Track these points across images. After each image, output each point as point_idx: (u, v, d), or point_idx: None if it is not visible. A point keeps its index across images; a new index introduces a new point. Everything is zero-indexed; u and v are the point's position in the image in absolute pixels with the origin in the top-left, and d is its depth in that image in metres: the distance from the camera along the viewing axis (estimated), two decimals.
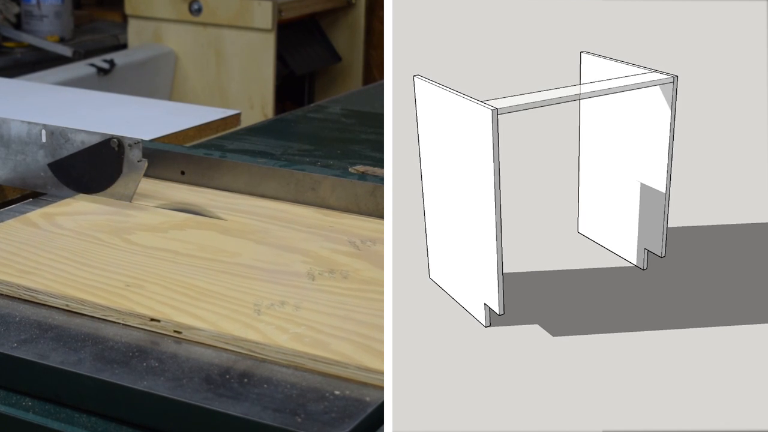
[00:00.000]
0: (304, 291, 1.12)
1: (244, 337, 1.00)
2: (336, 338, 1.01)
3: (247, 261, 1.20)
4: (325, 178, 1.39)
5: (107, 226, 1.30)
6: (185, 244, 1.24)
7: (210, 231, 1.30)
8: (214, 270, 1.17)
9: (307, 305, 1.08)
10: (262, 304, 1.07)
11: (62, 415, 0.95)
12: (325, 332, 1.02)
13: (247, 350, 1.00)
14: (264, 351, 0.99)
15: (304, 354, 0.98)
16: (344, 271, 1.18)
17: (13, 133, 1.45)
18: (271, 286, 1.13)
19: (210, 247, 1.24)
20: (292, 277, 1.15)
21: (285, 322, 1.03)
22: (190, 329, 1.03)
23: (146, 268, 1.16)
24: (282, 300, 1.09)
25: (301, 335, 1.01)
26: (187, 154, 1.48)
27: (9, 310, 1.08)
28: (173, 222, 1.33)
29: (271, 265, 1.19)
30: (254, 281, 1.14)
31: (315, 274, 1.17)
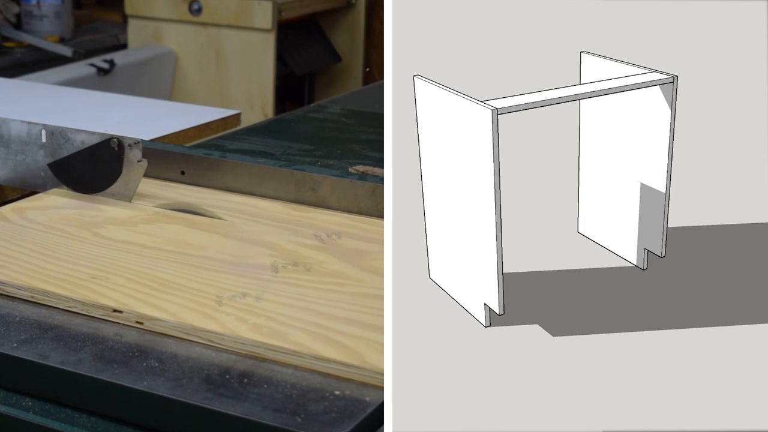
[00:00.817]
0: (267, 283, 1.14)
1: (204, 327, 1.02)
2: (294, 329, 1.02)
3: (213, 254, 1.22)
4: (325, 178, 1.39)
5: (77, 220, 1.32)
6: (153, 238, 1.26)
7: (178, 225, 1.31)
8: (180, 263, 1.19)
9: (269, 297, 1.10)
10: (224, 296, 1.09)
11: (62, 415, 0.95)
12: (284, 323, 1.04)
13: (206, 340, 1.01)
14: (223, 341, 1.01)
15: (261, 344, 1.00)
16: (308, 264, 1.19)
17: (13, 133, 1.45)
18: (234, 278, 1.15)
19: (177, 241, 1.25)
20: (256, 270, 1.17)
21: (245, 313, 1.05)
22: (152, 320, 1.04)
23: (113, 260, 1.19)
24: (244, 292, 1.11)
25: (260, 326, 1.03)
26: (187, 154, 1.48)
27: (9, 310, 1.08)
28: (143, 216, 1.34)
29: (236, 258, 1.21)
30: (218, 273, 1.16)
31: (279, 266, 1.18)
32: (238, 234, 1.29)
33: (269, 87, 3.46)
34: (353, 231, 1.31)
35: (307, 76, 3.94)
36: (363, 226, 1.34)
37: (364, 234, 1.31)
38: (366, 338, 1.01)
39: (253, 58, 3.44)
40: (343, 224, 1.33)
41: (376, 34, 3.97)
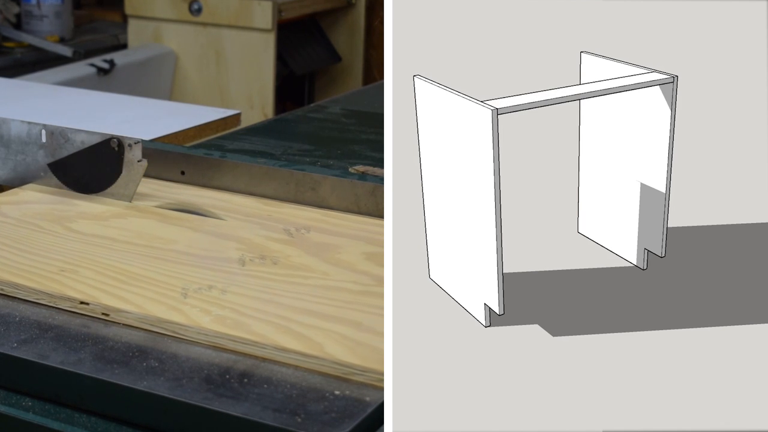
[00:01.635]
0: (233, 276, 1.15)
1: (168, 318, 1.04)
2: (257, 320, 1.04)
3: (182, 248, 1.23)
4: (325, 178, 1.39)
5: (50, 215, 1.33)
6: (124, 232, 1.28)
7: (150, 220, 1.33)
8: (149, 256, 1.20)
9: (234, 289, 1.11)
10: (189, 288, 1.11)
11: (62, 415, 0.95)
12: (248, 314, 1.05)
13: (171, 331, 1.03)
14: (187, 332, 1.02)
15: (224, 335, 1.01)
16: (275, 257, 1.21)
17: (13, 133, 1.45)
18: (201, 271, 1.16)
19: (147, 235, 1.27)
20: (223, 263, 1.19)
21: (210, 305, 1.07)
22: (118, 312, 1.06)
23: (82, 254, 1.20)
24: (210, 284, 1.12)
25: (223, 317, 1.04)
26: (187, 154, 1.48)
27: (9, 310, 1.08)
28: (115, 211, 1.36)
29: (204, 252, 1.22)
30: (185, 267, 1.17)
31: (246, 260, 1.20)
32: (209, 228, 1.31)
33: (269, 87, 3.46)
34: (322, 225, 1.33)
35: (307, 76, 3.94)
36: (332, 220, 1.35)
37: (332, 228, 1.32)
38: (326, 329, 1.03)
39: (253, 58, 3.44)
40: (314, 219, 1.35)
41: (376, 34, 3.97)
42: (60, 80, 2.98)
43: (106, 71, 3.20)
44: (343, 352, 0.98)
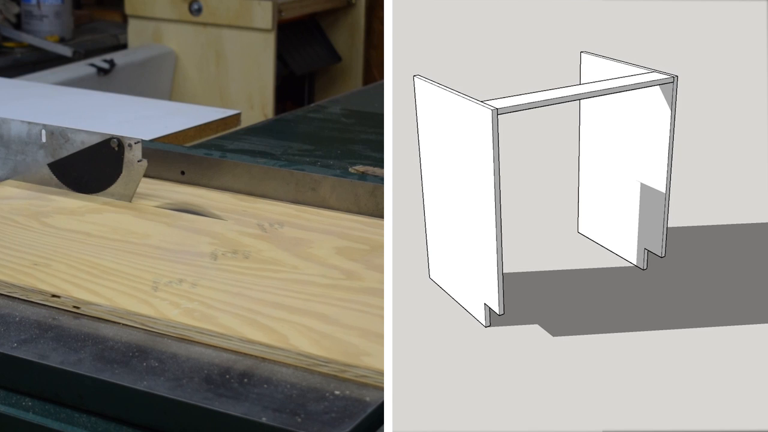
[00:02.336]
0: (204, 270, 1.17)
1: (138, 311, 1.05)
2: (225, 313, 1.06)
3: (156, 242, 1.25)
4: (325, 178, 1.39)
5: (26, 210, 1.35)
6: (99, 227, 1.30)
7: (125, 215, 1.35)
8: (122, 250, 1.22)
9: (204, 283, 1.13)
10: (160, 282, 1.13)
11: (62, 415, 0.95)
12: (216, 307, 1.07)
13: (140, 324, 1.05)
14: (156, 325, 1.04)
15: (191, 327, 1.03)
16: (246, 252, 1.23)
17: (13, 133, 1.45)
18: (172, 265, 1.18)
19: (122, 230, 1.29)
20: (195, 257, 1.21)
21: (179, 298, 1.09)
22: (88, 305, 1.08)
23: (56, 248, 1.22)
24: (180, 278, 1.14)
25: (191, 310, 1.06)
26: (187, 154, 1.48)
27: (9, 310, 1.09)
28: (92, 206, 1.38)
29: (177, 246, 1.24)
30: (157, 260, 1.19)
31: (218, 254, 1.22)
32: (183, 223, 1.33)
33: (269, 87, 3.46)
34: (295, 221, 1.34)
35: (307, 76, 3.94)
36: (306, 216, 1.37)
37: (305, 223, 1.34)
38: (292, 321, 1.04)
39: (253, 58, 3.44)
40: (287, 214, 1.37)
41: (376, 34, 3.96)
42: (60, 80, 2.98)
43: (106, 71, 3.20)
44: (308, 343, 1.00)
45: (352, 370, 0.96)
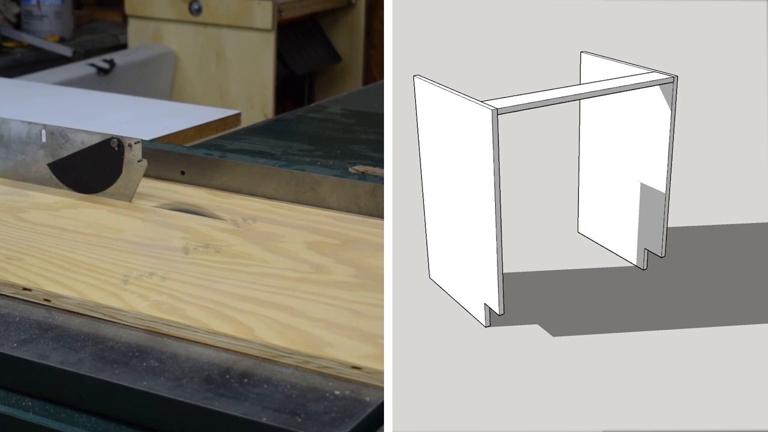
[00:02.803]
0: (175, 263, 1.19)
1: (107, 304, 1.07)
2: (193, 305, 1.07)
3: (129, 237, 1.27)
4: (325, 178, 1.39)
5: (3, 205, 1.36)
6: (74, 222, 1.31)
7: (100, 210, 1.36)
8: (95, 245, 1.24)
9: (174, 276, 1.15)
10: (131, 275, 1.14)
11: (62, 415, 0.95)
12: (184, 300, 1.09)
13: (109, 317, 1.06)
14: (124, 317, 1.06)
15: (159, 319, 1.04)
16: (218, 246, 1.24)
17: (13, 133, 1.45)
18: (144, 259, 1.19)
19: (96, 225, 1.30)
20: (167, 251, 1.22)
21: (149, 291, 1.10)
22: (59, 298, 1.09)
23: (30, 243, 1.23)
24: (151, 271, 1.16)
25: (160, 303, 1.08)
26: (187, 154, 1.48)
27: (9, 310, 1.09)
28: (68, 202, 1.39)
29: (150, 241, 1.26)
30: (129, 254, 1.21)
31: (190, 248, 1.23)
32: (158, 218, 1.34)
33: (269, 87, 3.46)
34: (269, 216, 1.36)
35: (307, 76, 3.94)
36: (279, 211, 1.38)
37: (279, 219, 1.35)
38: (259, 314, 1.05)
39: (253, 58, 3.44)
40: (262, 209, 1.38)
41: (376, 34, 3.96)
42: (60, 80, 2.98)
43: (106, 71, 3.20)
44: (272, 335, 1.01)
45: (315, 361, 0.98)
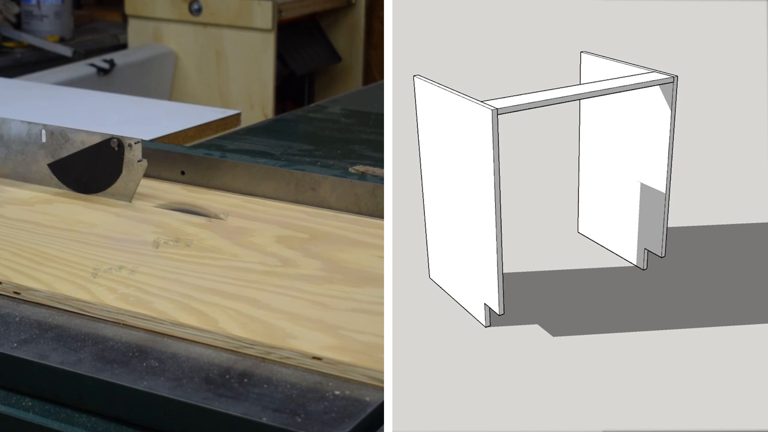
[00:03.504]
0: (145, 257, 1.20)
1: (75, 296, 1.09)
2: (160, 298, 1.09)
3: (101, 231, 1.29)
4: (325, 178, 1.39)
5: None
6: (48, 217, 1.33)
7: (75, 205, 1.38)
8: (67, 239, 1.25)
9: (143, 269, 1.16)
10: (100, 269, 1.16)
11: (62, 415, 0.95)
12: (152, 293, 1.10)
13: (77, 309, 1.08)
14: (92, 309, 1.07)
15: (125, 311, 1.06)
16: (189, 240, 1.26)
17: (13, 133, 1.45)
18: (114, 252, 1.21)
19: (70, 219, 1.32)
20: (138, 245, 1.24)
21: (117, 284, 1.12)
22: (28, 290, 1.11)
23: (3, 236, 1.26)
24: (121, 265, 1.17)
25: (127, 295, 1.09)
26: (187, 154, 1.48)
27: (9, 310, 1.09)
28: (43, 197, 1.41)
29: (122, 235, 1.28)
30: (100, 248, 1.23)
31: (161, 242, 1.25)
32: (131, 213, 1.35)
33: (269, 87, 3.46)
34: (241, 211, 1.37)
35: (307, 76, 3.94)
36: (251, 206, 1.40)
37: (251, 213, 1.37)
38: (224, 306, 1.07)
39: (253, 58, 3.44)
40: (235, 204, 1.40)
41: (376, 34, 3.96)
42: (60, 80, 2.98)
43: (106, 71, 3.20)
44: (236, 326, 1.02)
45: (277, 352, 0.99)
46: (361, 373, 0.96)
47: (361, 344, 1.01)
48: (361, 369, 0.96)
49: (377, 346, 1.00)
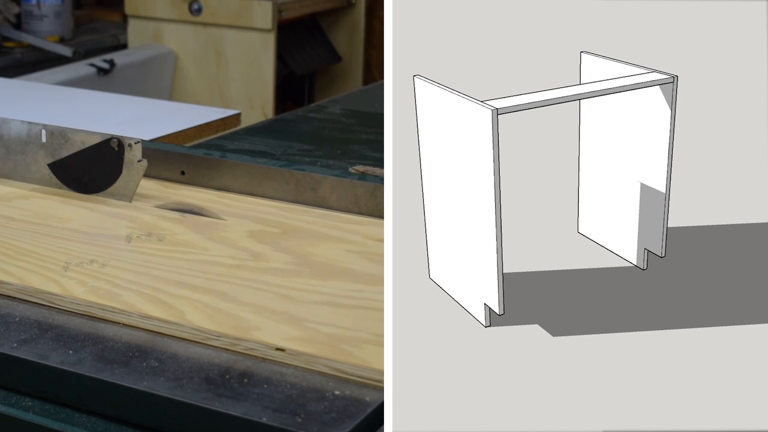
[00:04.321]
0: (117, 251, 1.22)
1: (45, 289, 1.11)
2: (129, 291, 1.10)
3: (75, 226, 1.30)
4: (325, 178, 1.39)
5: None
6: (23, 212, 1.35)
7: (50, 201, 1.39)
8: (40, 233, 1.27)
9: (114, 263, 1.18)
10: (72, 262, 1.18)
11: (62, 415, 0.95)
12: (121, 286, 1.12)
13: (47, 301, 1.09)
14: (61, 302, 1.09)
15: (94, 304, 1.07)
16: (161, 234, 1.28)
17: (13, 133, 1.45)
18: (86, 246, 1.23)
19: (45, 215, 1.34)
20: (110, 240, 1.26)
21: (87, 278, 1.14)
22: (0, 284, 1.12)
23: None
24: (92, 259, 1.19)
25: (97, 288, 1.11)
26: (187, 154, 1.48)
27: (9, 310, 1.09)
28: (20, 192, 1.43)
29: (95, 229, 1.29)
30: (73, 243, 1.24)
31: (133, 237, 1.27)
32: (105, 208, 1.37)
33: (269, 87, 3.46)
34: (214, 206, 1.38)
35: (307, 76, 3.94)
36: (226, 201, 1.41)
37: (225, 209, 1.37)
38: (192, 299, 1.09)
39: (253, 58, 3.44)
40: (208, 200, 1.41)
41: (376, 34, 3.96)
42: (60, 80, 2.98)
43: (106, 71, 3.20)
44: (202, 318, 1.04)
45: (242, 344, 1.00)
46: (323, 364, 0.97)
47: (324, 335, 1.02)
48: (323, 360, 0.98)
49: (340, 337, 1.02)
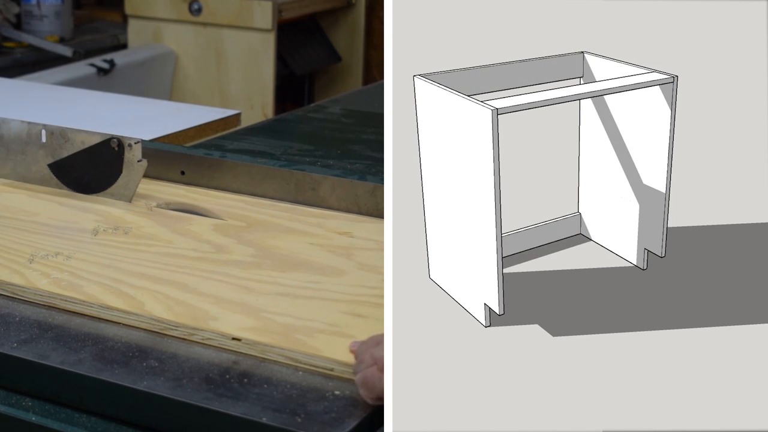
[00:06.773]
0: (82, 244, 1.24)
1: (9, 281, 1.14)
2: (90, 282, 1.12)
3: (43, 219, 1.32)
4: (325, 178, 1.39)
5: None
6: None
7: (19, 195, 1.41)
8: (8, 227, 1.29)
9: (79, 256, 1.19)
10: (37, 255, 1.19)
11: (62, 415, 0.95)
12: (84, 277, 1.14)
13: (10, 293, 1.12)
14: (24, 293, 1.12)
15: (57, 295, 1.09)
16: (127, 228, 1.30)
17: (13, 133, 1.45)
18: (52, 239, 1.25)
19: (13, 208, 1.36)
20: (77, 233, 1.28)
21: (51, 270, 1.16)
22: None
23: None
24: (57, 251, 1.21)
25: (59, 280, 1.14)
26: (187, 154, 1.48)
27: (9, 310, 1.09)
28: None
29: (62, 223, 1.31)
30: (39, 236, 1.26)
31: (100, 230, 1.28)
32: (74, 202, 1.38)
33: (269, 87, 3.46)
34: (182, 200, 1.40)
35: (307, 76, 3.94)
36: (194, 195, 1.43)
37: (192, 202, 1.40)
38: (153, 290, 1.10)
39: (253, 58, 3.44)
40: (178, 194, 1.43)
41: (376, 34, 3.96)
42: (60, 80, 2.97)
43: (106, 71, 3.20)
44: (161, 309, 1.06)
45: (200, 333, 1.02)
46: (278, 353, 0.99)
47: (280, 326, 1.03)
48: (277, 349, 0.99)
49: (294, 327, 1.03)
